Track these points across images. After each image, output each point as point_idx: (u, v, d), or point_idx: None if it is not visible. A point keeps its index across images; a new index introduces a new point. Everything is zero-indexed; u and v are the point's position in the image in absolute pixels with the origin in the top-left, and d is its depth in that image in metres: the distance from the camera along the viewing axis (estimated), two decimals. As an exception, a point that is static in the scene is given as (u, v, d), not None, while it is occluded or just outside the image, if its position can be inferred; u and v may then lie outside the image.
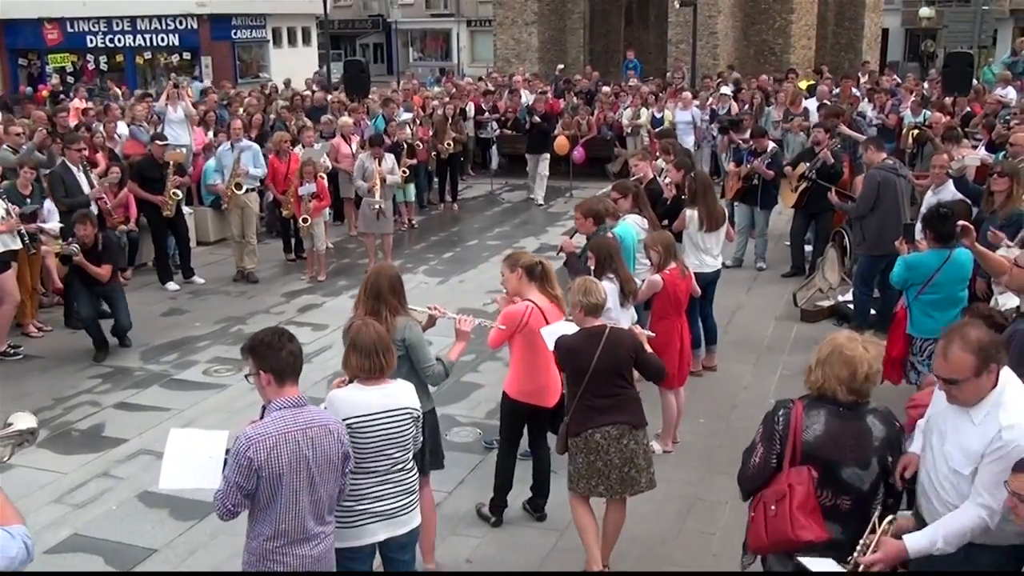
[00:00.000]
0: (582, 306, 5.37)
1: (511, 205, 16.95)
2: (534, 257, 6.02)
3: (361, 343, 4.36)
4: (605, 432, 5.26)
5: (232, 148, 12.03)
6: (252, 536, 3.99)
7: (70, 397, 8.60)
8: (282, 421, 3.87)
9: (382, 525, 4.45)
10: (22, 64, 34.47)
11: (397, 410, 4.42)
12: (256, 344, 3.97)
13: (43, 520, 6.48)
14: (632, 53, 26.04)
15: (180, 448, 4.11)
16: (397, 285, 5.20)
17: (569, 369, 5.41)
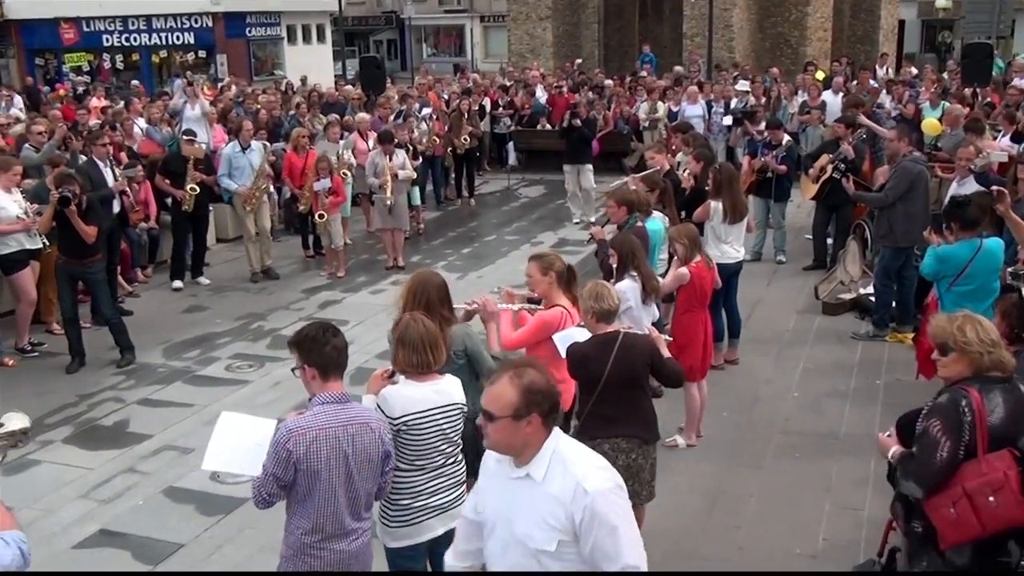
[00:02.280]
0: (594, 312, 5.23)
1: (528, 200, 16.93)
2: (565, 261, 5.92)
3: (409, 338, 4.35)
4: (614, 443, 5.15)
5: (243, 150, 11.99)
6: (290, 530, 3.99)
7: (94, 394, 8.65)
8: (324, 416, 3.88)
9: (438, 519, 4.44)
10: (39, 64, 34.61)
11: (449, 405, 4.42)
12: (301, 339, 3.98)
13: (70, 516, 6.52)
14: (648, 47, 25.93)
15: (228, 432, 4.14)
16: (445, 293, 5.12)
17: (581, 377, 5.28)
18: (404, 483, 4.37)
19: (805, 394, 8.17)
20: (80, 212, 8.90)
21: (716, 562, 5.78)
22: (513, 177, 18.30)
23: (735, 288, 8.74)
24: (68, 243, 9.08)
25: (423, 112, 15.91)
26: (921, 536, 4.20)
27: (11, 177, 9.59)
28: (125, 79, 32.26)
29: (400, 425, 4.29)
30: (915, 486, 4.07)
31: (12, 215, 9.37)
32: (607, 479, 3.17)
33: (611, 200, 7.54)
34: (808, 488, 6.60)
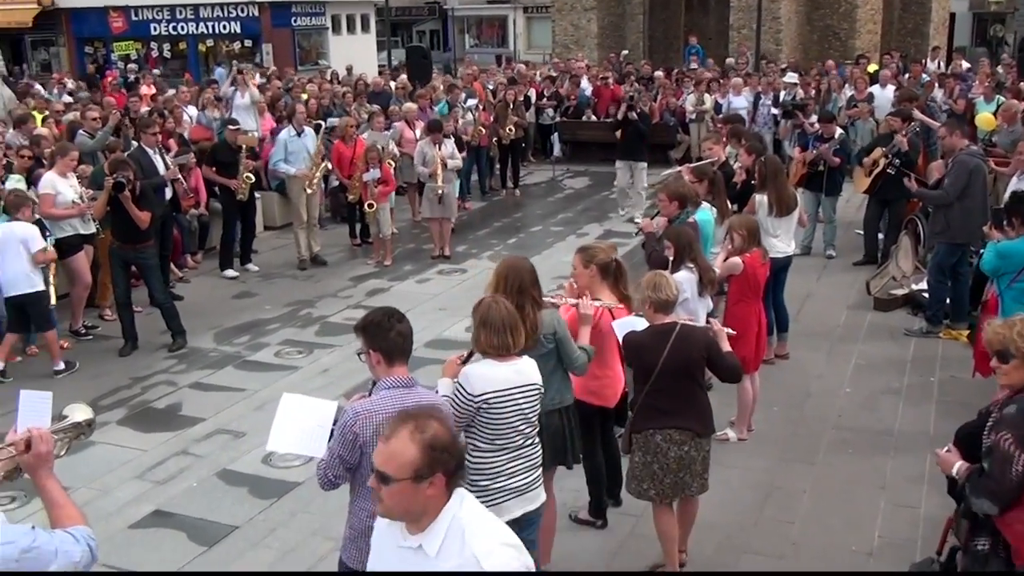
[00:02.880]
0: (651, 302, 5.20)
1: (573, 192, 16.88)
2: (610, 254, 5.82)
3: (492, 320, 4.37)
4: (667, 435, 5.13)
5: (297, 135, 12.10)
6: (354, 512, 4.02)
7: (147, 377, 8.76)
8: (389, 400, 3.90)
9: (518, 501, 4.47)
10: (88, 52, 35.07)
11: (527, 386, 4.44)
12: (367, 324, 4.01)
13: (126, 496, 6.62)
14: (695, 38, 25.73)
15: (290, 413, 4.18)
16: (535, 277, 5.08)
17: (636, 366, 5.27)
18: (484, 464, 4.41)
19: (857, 390, 8.08)
20: (134, 198, 8.99)
21: (769, 557, 5.74)
22: (558, 168, 18.25)
23: (783, 283, 8.65)
24: (121, 228, 9.20)
25: (469, 103, 15.91)
26: (984, 555, 4.11)
27: (67, 162, 9.73)
28: (172, 68, 32.63)
29: (480, 403, 4.32)
30: (989, 503, 3.96)
31: (68, 200, 9.52)
32: (512, 558, 2.75)
33: (662, 194, 7.47)
34: (862, 485, 6.53)
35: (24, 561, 2.75)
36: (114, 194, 8.90)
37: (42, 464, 3.09)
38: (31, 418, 3.24)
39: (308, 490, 6.64)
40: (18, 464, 3.15)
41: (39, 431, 3.12)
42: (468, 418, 4.36)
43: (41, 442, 3.09)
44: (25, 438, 3.09)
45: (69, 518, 3.06)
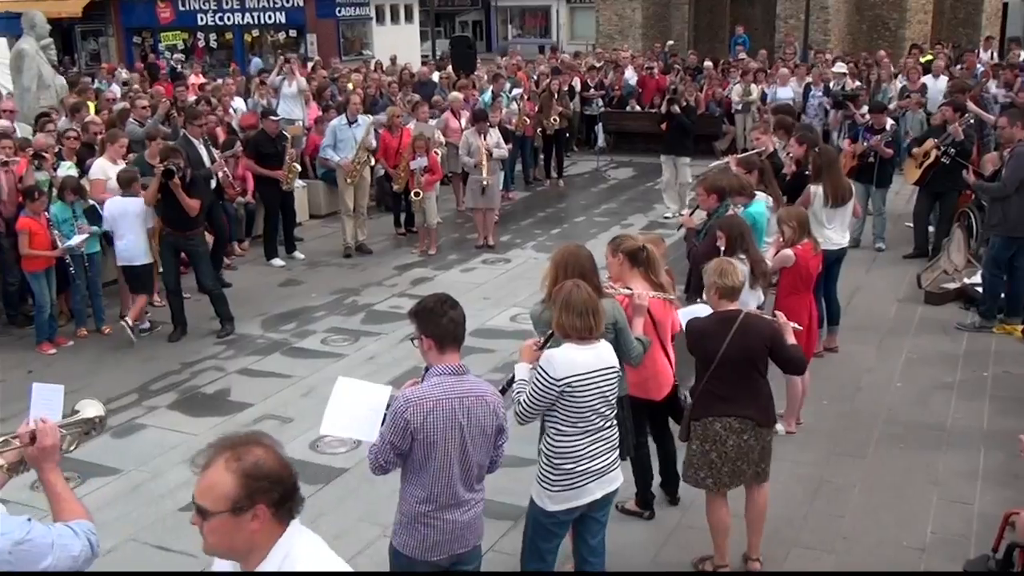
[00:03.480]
0: (717, 288, 5.13)
1: (617, 182, 16.80)
2: (638, 242, 5.72)
3: (574, 303, 4.38)
4: (727, 423, 5.08)
5: (349, 124, 12.16)
6: (404, 498, 4.05)
7: (196, 362, 8.86)
8: (440, 387, 3.92)
9: (598, 483, 4.51)
10: (136, 42, 35.52)
11: (607, 369, 4.47)
12: (420, 309, 4.02)
13: (176, 479, 6.69)
14: (742, 28, 25.47)
15: (344, 397, 4.21)
16: (594, 265, 5.06)
17: (698, 353, 5.22)
18: (566, 447, 4.43)
19: (909, 384, 7.96)
20: (184, 186, 9.08)
21: (819, 551, 5.67)
22: (601, 159, 18.17)
23: (836, 275, 8.54)
24: (172, 215, 9.28)
25: (513, 92, 15.89)
26: None
27: (117, 149, 9.87)
28: (218, 58, 32.97)
29: (563, 386, 4.33)
30: None
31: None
32: None
33: (700, 188, 7.38)
34: (914, 480, 6.43)
35: (17, 553, 2.72)
36: (164, 181, 8.99)
37: (47, 458, 3.06)
38: (43, 411, 3.23)
39: (355, 476, 6.69)
40: (22, 457, 3.12)
41: (45, 424, 3.08)
42: (549, 402, 4.38)
43: (46, 436, 3.06)
44: (31, 431, 3.07)
45: (72, 512, 3.04)
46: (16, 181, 9.32)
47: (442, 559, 4.06)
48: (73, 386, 8.17)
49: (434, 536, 3.99)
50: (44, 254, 8.95)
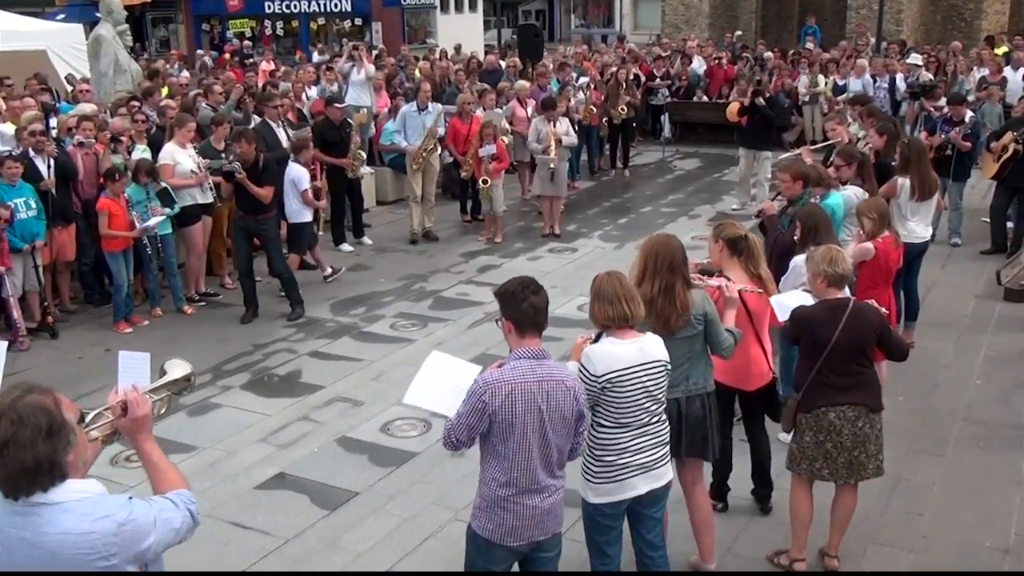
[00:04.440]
0: (825, 276, 5.05)
1: (683, 173, 16.64)
2: (741, 230, 5.64)
3: (604, 292, 4.32)
4: (840, 412, 4.98)
5: (419, 111, 12.20)
6: (485, 482, 4.04)
7: (267, 344, 8.98)
8: (519, 371, 3.90)
9: (643, 478, 4.43)
10: (205, 29, 36.06)
11: (652, 363, 4.37)
12: (503, 292, 4.02)
13: (252, 458, 6.81)
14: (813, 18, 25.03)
15: (433, 371, 4.22)
16: (685, 255, 4.97)
17: (806, 342, 5.11)
18: (609, 440, 4.38)
19: (988, 382, 7.77)
20: (254, 175, 9.20)
21: (898, 549, 5.57)
22: (667, 149, 18.01)
23: (917, 269, 8.37)
24: (244, 200, 9.43)
25: (580, 81, 15.81)
26: None
27: (185, 133, 10.00)
28: (284, 45, 33.34)
29: (604, 383, 4.27)
30: None
31: (186, 170, 9.81)
32: None
33: (786, 174, 7.24)
34: (996, 479, 6.28)
35: (122, 535, 2.72)
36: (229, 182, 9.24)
37: (140, 428, 3.04)
38: (130, 378, 3.20)
39: (426, 460, 6.73)
40: (115, 428, 3.09)
41: (135, 394, 3.06)
42: (593, 398, 4.33)
43: (138, 406, 3.03)
44: (122, 401, 3.04)
45: (170, 483, 3.02)
46: (96, 163, 9.52)
47: (521, 544, 4.04)
48: (150, 365, 8.42)
49: (513, 521, 3.98)
50: (123, 234, 9.14)
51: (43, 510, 2.70)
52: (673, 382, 4.82)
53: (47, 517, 2.70)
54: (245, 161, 9.25)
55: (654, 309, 4.74)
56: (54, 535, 2.68)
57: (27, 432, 2.63)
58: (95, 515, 2.72)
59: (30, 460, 2.63)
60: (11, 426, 2.63)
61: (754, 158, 13.45)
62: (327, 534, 5.87)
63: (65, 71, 17.42)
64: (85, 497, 2.75)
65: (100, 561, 2.70)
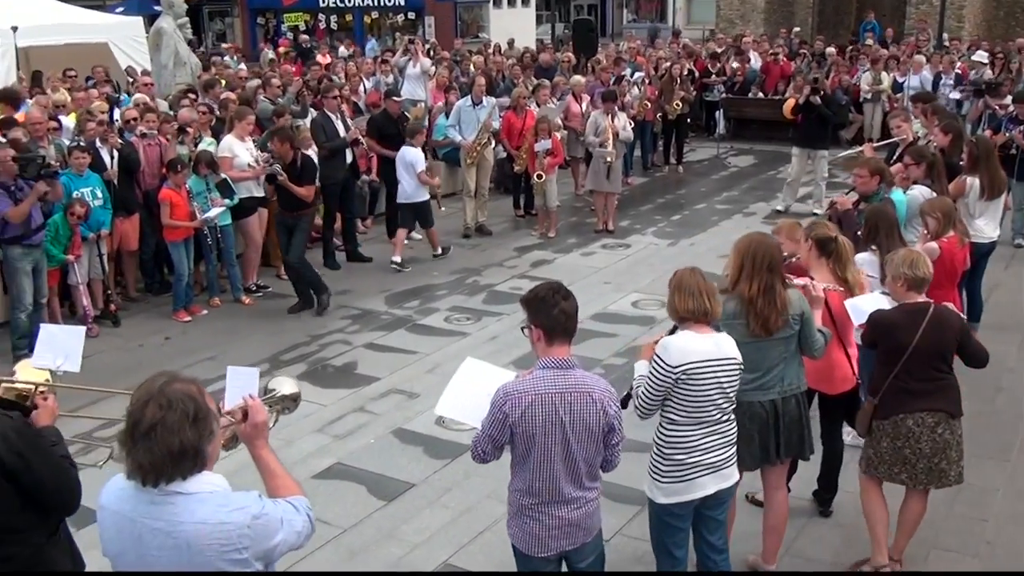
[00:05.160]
0: (905, 279, 4.94)
1: (738, 170, 16.49)
2: (833, 231, 5.58)
3: (686, 285, 4.29)
4: (919, 419, 4.89)
5: (474, 105, 12.23)
6: (512, 489, 4.02)
7: (323, 335, 9.07)
8: (542, 381, 3.83)
9: (712, 477, 4.37)
10: (260, 23, 36.48)
11: (727, 359, 4.32)
12: (531, 298, 3.94)
13: (309, 447, 6.88)
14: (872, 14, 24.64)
15: (466, 380, 4.17)
16: (781, 255, 4.93)
17: (885, 347, 5.01)
18: (679, 437, 4.33)
19: (1054, 387, 7.60)
20: (293, 174, 9.34)
21: (961, 554, 5.48)
22: (722, 145, 17.85)
23: (982, 271, 8.22)
24: (285, 199, 9.60)
25: (635, 76, 15.73)
26: None
27: (245, 126, 10.11)
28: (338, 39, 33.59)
29: (679, 374, 4.23)
30: None
31: (244, 163, 9.91)
32: None
33: (864, 169, 7.14)
34: (1063, 487, 6.14)
35: (255, 527, 2.77)
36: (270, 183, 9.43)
37: (258, 434, 3.10)
38: (238, 392, 3.26)
39: (481, 454, 6.74)
40: (235, 434, 3.19)
41: (255, 402, 3.13)
42: (665, 391, 4.28)
43: (257, 413, 3.10)
44: (243, 408, 3.11)
45: (287, 488, 3.05)
46: (159, 154, 9.68)
47: (549, 555, 3.99)
48: (208, 354, 8.59)
49: (540, 531, 3.94)
50: (184, 224, 9.28)
51: (178, 499, 2.74)
52: (769, 383, 4.80)
53: (182, 506, 2.73)
54: (282, 159, 9.34)
55: (753, 309, 4.69)
56: (190, 524, 2.72)
57: (175, 417, 2.67)
58: (230, 507, 2.76)
59: (176, 445, 2.67)
60: (159, 410, 2.67)
61: (808, 157, 13.16)
62: (384, 524, 5.92)
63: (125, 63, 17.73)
64: (217, 489, 2.79)
65: (233, 553, 2.73)
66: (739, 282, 4.76)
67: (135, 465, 2.70)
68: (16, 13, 15.95)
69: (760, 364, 4.75)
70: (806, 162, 13.19)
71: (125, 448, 2.71)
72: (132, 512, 2.78)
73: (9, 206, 8.07)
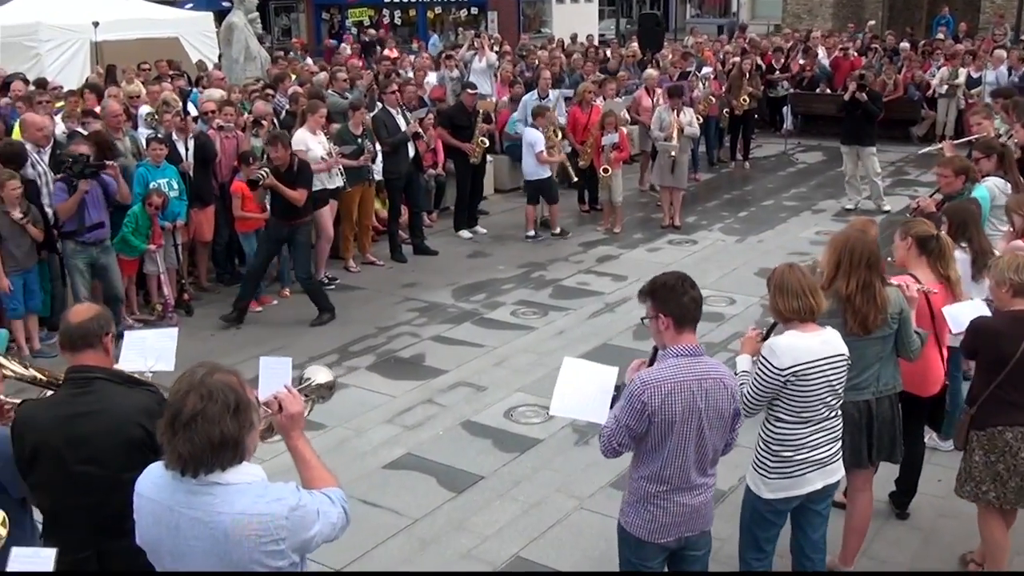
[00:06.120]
0: (1012, 285, 4.71)
1: (805, 166, 16.24)
2: (932, 228, 5.45)
3: (788, 285, 4.24)
4: (1019, 432, 4.71)
5: (540, 99, 12.22)
6: (634, 477, 4.00)
7: (391, 327, 9.13)
8: (678, 369, 3.81)
9: (819, 473, 4.36)
10: (324, 18, 36.87)
11: (836, 356, 4.28)
12: (657, 287, 3.93)
13: (379, 437, 6.95)
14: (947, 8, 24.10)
15: (572, 378, 4.15)
16: (880, 251, 4.85)
17: (986, 356, 4.84)
18: (788, 435, 4.31)
19: None
20: (288, 178, 8.82)
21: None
22: (789, 142, 17.60)
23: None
24: (278, 205, 9.08)
25: (703, 71, 15.58)
26: None
27: (317, 119, 10.20)
28: (401, 34, 33.82)
29: (788, 376, 4.19)
30: None
31: (317, 156, 9.99)
32: None
33: (947, 168, 6.97)
34: None
35: (292, 519, 2.76)
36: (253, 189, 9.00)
37: (294, 425, 3.08)
38: (272, 383, 3.24)
39: (549, 447, 6.76)
40: (270, 424, 3.18)
41: (290, 392, 3.12)
42: (773, 392, 4.25)
43: (293, 403, 3.10)
44: (279, 398, 3.11)
45: (322, 479, 3.04)
46: (236, 147, 9.83)
47: (669, 541, 3.99)
48: (277, 343, 8.70)
49: (663, 518, 3.92)
50: (255, 216, 9.41)
51: (217, 490, 2.75)
52: (863, 383, 4.72)
53: (221, 497, 2.74)
54: (279, 167, 8.82)
55: (851, 307, 4.62)
56: (228, 515, 2.73)
57: (216, 408, 2.69)
58: (268, 497, 2.76)
59: (217, 435, 2.68)
60: (200, 401, 2.69)
61: (857, 155, 12.85)
62: (454, 516, 5.95)
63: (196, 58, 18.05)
64: (256, 480, 2.80)
65: (271, 544, 2.73)
66: (836, 279, 4.69)
67: (175, 455, 2.71)
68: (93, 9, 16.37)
69: (856, 363, 4.63)
70: (856, 159, 12.90)
71: (165, 438, 2.73)
72: (170, 501, 2.80)
73: (65, 200, 8.22)
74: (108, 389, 3.60)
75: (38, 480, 3.65)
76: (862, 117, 12.67)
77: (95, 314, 3.69)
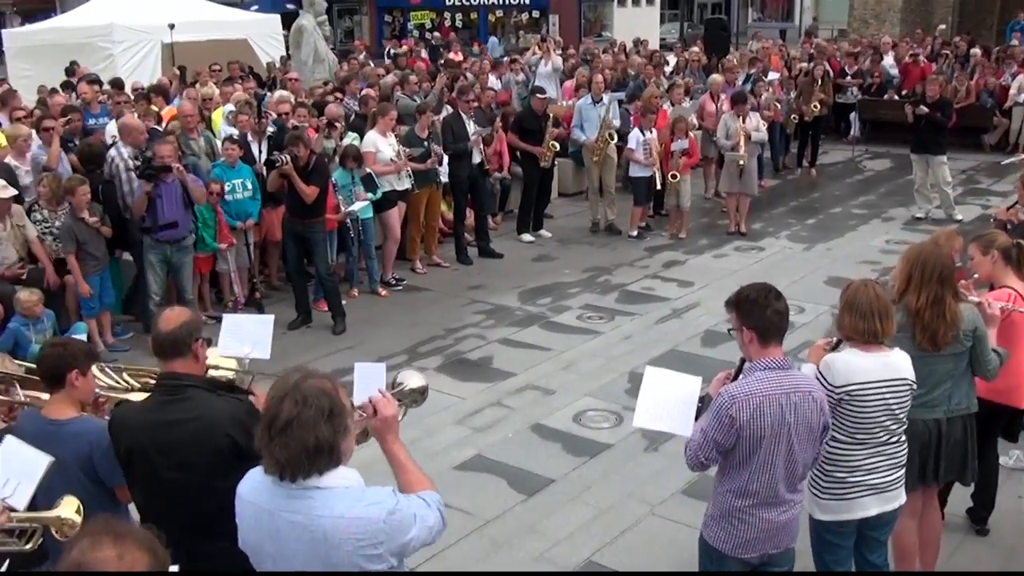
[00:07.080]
0: None
1: (874, 174, 16.00)
2: (1009, 239, 5.36)
3: (858, 304, 4.15)
4: None
5: (594, 103, 12.21)
6: (719, 490, 3.96)
7: (458, 329, 9.19)
8: (766, 382, 3.77)
9: (875, 499, 4.25)
10: (387, 21, 37.23)
11: (897, 380, 4.17)
12: (741, 299, 3.88)
13: (449, 439, 7.00)
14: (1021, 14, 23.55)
15: (654, 388, 4.11)
16: (954, 265, 4.78)
17: None
18: (841, 456, 4.21)
19: None
20: (303, 173, 8.79)
21: None
22: (857, 148, 17.35)
23: None
24: (291, 203, 9.05)
25: (770, 77, 15.44)
26: None
27: (388, 121, 10.31)
28: (462, 37, 34.01)
29: (842, 394, 4.11)
30: None
31: (386, 157, 10.12)
32: None
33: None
34: None
35: (390, 522, 2.77)
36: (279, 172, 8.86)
37: (389, 428, 3.09)
38: (367, 387, 3.26)
39: (619, 453, 6.75)
40: (366, 428, 3.17)
41: (385, 397, 3.13)
42: (831, 408, 4.12)
43: (387, 407, 3.10)
44: (373, 402, 3.12)
45: (419, 483, 3.04)
46: (308, 147, 9.95)
47: (752, 557, 3.94)
48: (346, 343, 8.80)
49: (748, 533, 3.88)
50: (328, 217, 9.52)
51: (316, 493, 2.76)
52: (935, 401, 4.63)
53: (320, 500, 2.76)
54: (296, 163, 8.79)
55: (920, 322, 4.54)
56: (328, 518, 2.74)
57: (311, 413, 2.71)
58: (366, 501, 2.79)
59: (312, 441, 2.70)
60: (295, 406, 2.71)
61: (927, 163, 12.63)
62: (525, 518, 5.97)
63: (264, 59, 18.36)
64: (353, 484, 2.83)
65: (369, 548, 2.75)
66: (906, 293, 4.61)
67: (272, 461, 2.74)
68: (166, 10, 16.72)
69: (926, 380, 4.54)
70: (926, 168, 12.69)
71: (262, 443, 2.76)
72: (270, 504, 2.82)
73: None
74: (198, 398, 3.63)
75: (132, 480, 3.75)
76: (928, 126, 12.50)
77: (184, 321, 3.68)
